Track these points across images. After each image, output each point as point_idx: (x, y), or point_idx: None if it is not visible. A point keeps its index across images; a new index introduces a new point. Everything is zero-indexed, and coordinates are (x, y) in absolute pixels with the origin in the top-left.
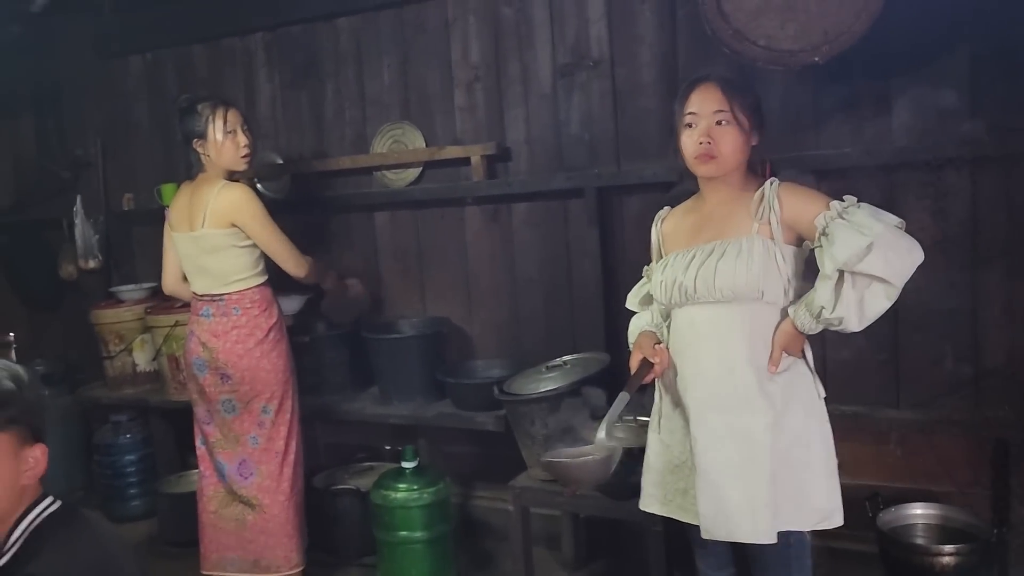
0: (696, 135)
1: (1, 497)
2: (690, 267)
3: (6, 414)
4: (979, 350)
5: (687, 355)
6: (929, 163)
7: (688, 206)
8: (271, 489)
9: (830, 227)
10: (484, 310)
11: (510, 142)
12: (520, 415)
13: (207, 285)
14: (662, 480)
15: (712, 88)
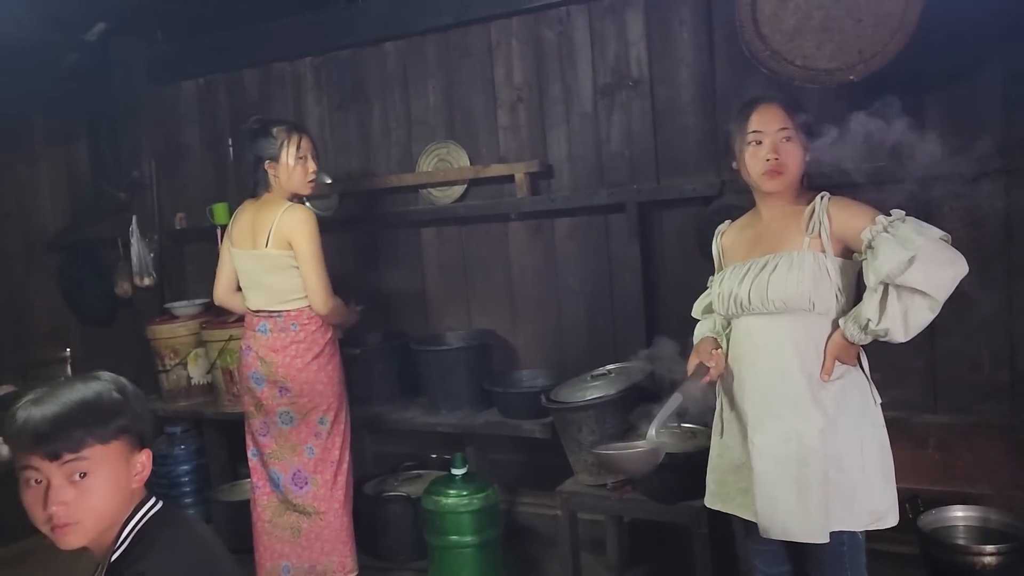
0: (764, 152)
1: (115, 501)
2: (744, 279)
3: (117, 424)
4: (1015, 356)
5: (745, 363)
6: (963, 175)
7: (746, 220)
8: (326, 497)
9: (875, 240)
10: (528, 322)
11: (552, 159)
12: (568, 422)
13: (265, 301)
14: (724, 479)
15: (774, 107)
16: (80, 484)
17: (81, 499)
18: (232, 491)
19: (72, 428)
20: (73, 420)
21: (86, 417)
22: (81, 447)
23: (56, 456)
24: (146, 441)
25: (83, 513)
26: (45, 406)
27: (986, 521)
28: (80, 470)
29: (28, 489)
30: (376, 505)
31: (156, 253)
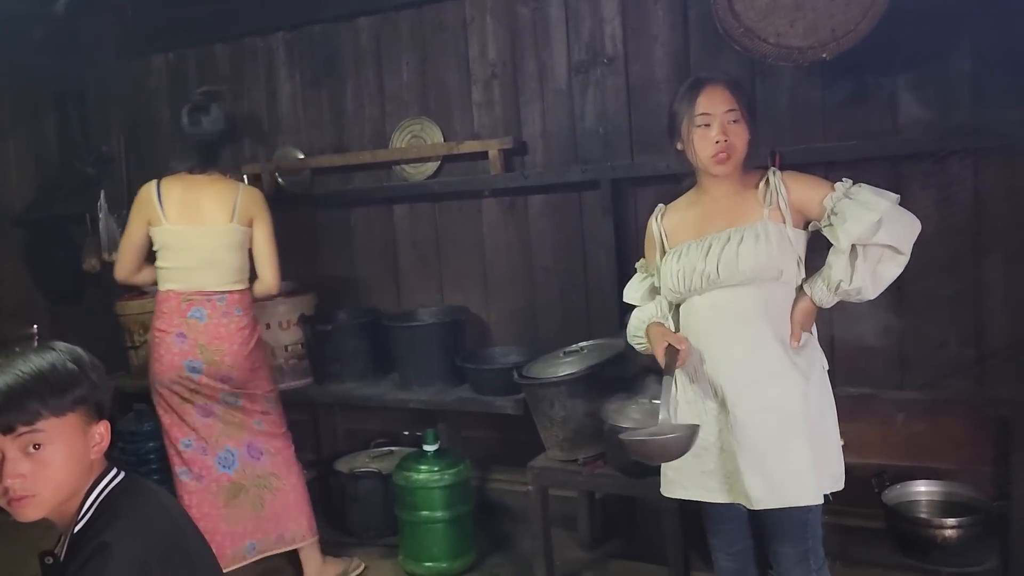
0: (713, 134)
1: (72, 472)
2: (710, 254)
3: (73, 395)
4: (981, 333)
5: (711, 338)
6: (934, 154)
7: (688, 200)
8: (283, 463)
9: (838, 206)
10: (501, 299)
11: (526, 136)
12: (539, 398)
13: (215, 281)
14: (681, 466)
15: (721, 88)
16: (35, 456)
17: (37, 471)
18: None
19: (25, 400)
20: (27, 391)
21: (40, 388)
22: (36, 419)
23: (10, 429)
24: (104, 412)
25: (40, 486)
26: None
27: (949, 495)
28: (35, 442)
29: None
30: (347, 481)
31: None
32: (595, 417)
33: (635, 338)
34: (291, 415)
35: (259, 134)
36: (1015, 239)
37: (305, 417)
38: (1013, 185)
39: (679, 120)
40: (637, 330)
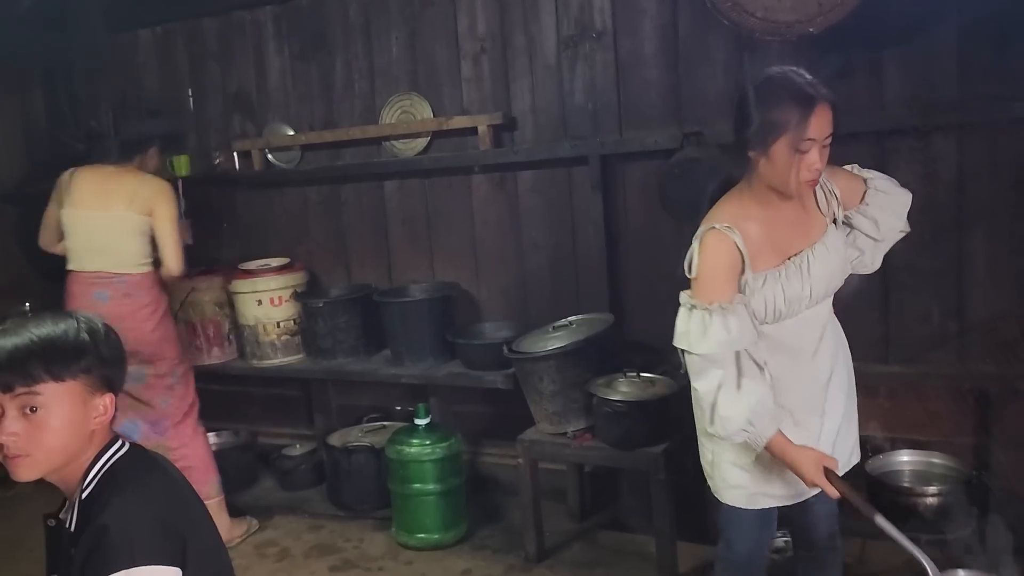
0: (812, 161)
1: (67, 439)
2: (812, 276)
3: (78, 365)
4: (963, 307)
5: (804, 355)
6: (918, 129)
7: (745, 214)
8: (188, 430)
9: (875, 199)
10: (491, 275)
11: (516, 112)
12: (529, 372)
13: (107, 264)
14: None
15: (827, 111)
16: (31, 418)
17: (32, 433)
18: None
19: (28, 362)
20: (31, 354)
21: (45, 352)
22: (35, 382)
23: (9, 388)
24: (113, 386)
25: (33, 447)
26: (8, 338)
27: (930, 465)
28: (31, 404)
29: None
30: (340, 456)
31: None
32: (584, 391)
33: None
34: (284, 390)
35: (248, 110)
36: (997, 214)
37: (298, 392)
38: (996, 160)
39: (772, 134)
40: (757, 418)
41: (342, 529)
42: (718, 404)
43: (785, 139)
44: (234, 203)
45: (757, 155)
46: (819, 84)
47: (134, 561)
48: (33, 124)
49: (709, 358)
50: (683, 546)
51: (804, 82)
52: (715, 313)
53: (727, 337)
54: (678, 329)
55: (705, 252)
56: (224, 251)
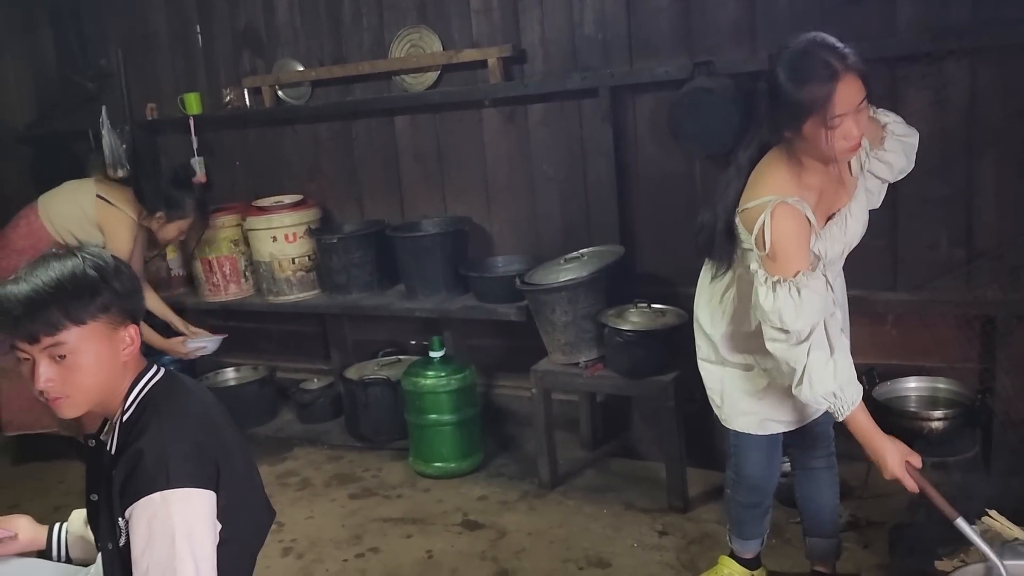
0: (848, 132)
1: (102, 375)
2: (848, 230)
3: (95, 305)
4: (971, 234)
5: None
6: (930, 55)
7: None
8: None
9: (889, 143)
10: (503, 208)
11: (525, 44)
12: (541, 304)
13: None
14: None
15: (854, 81)
16: (62, 363)
17: (67, 376)
18: (215, 378)
19: (47, 311)
20: (47, 302)
21: (61, 298)
22: (58, 330)
23: (35, 339)
24: (135, 316)
25: (71, 388)
26: (20, 286)
27: (936, 391)
28: (59, 352)
29: (22, 365)
30: (358, 389)
31: (128, 144)
32: (595, 321)
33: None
34: (300, 326)
35: (257, 46)
36: (1008, 140)
37: (314, 328)
38: (1008, 85)
39: (801, 115)
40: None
41: (361, 459)
42: (810, 368)
43: (814, 119)
44: (246, 140)
45: (792, 133)
46: (844, 52)
47: (169, 484)
48: (43, 64)
49: (804, 329)
50: (692, 472)
51: (827, 55)
52: (802, 285)
53: (819, 304)
54: (764, 307)
55: (779, 226)
56: (238, 189)
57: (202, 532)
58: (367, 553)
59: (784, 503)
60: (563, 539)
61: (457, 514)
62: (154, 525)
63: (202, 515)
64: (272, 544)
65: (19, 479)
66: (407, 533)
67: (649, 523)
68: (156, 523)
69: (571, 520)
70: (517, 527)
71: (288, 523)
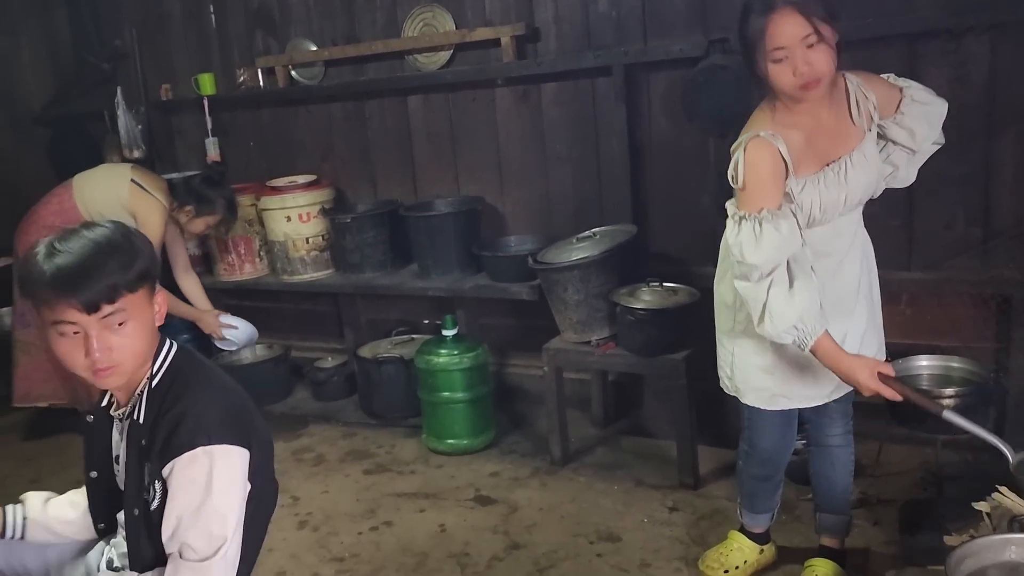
0: (792, 67)
1: (149, 342)
2: (848, 180)
3: (137, 269)
4: (989, 213)
5: (832, 260)
6: (950, 31)
7: (785, 122)
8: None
9: (911, 109)
10: (515, 188)
11: (539, 22)
12: (554, 282)
13: None
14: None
15: (791, 15)
16: (120, 331)
17: (122, 344)
18: (231, 356)
19: (104, 280)
20: (102, 272)
21: (112, 267)
22: (116, 298)
23: (96, 308)
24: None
25: (124, 356)
26: (66, 258)
27: (948, 369)
28: (119, 320)
29: (63, 339)
30: (371, 367)
31: (144, 125)
32: (607, 300)
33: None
34: (315, 305)
35: (271, 26)
36: None
37: (328, 307)
38: None
39: (749, 51)
40: (809, 317)
41: (374, 436)
42: (769, 304)
43: (760, 53)
44: (260, 121)
45: (760, 73)
46: None
47: (211, 440)
48: (58, 45)
49: (763, 265)
50: (703, 450)
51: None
52: (765, 221)
53: (779, 243)
54: (729, 241)
55: (750, 159)
56: (251, 169)
57: (238, 487)
58: (381, 526)
59: (795, 480)
60: (574, 514)
61: (469, 489)
62: (196, 477)
63: (239, 471)
64: (288, 517)
65: (40, 454)
66: (420, 507)
67: (660, 499)
68: (198, 475)
69: (582, 496)
70: (528, 502)
71: (304, 497)
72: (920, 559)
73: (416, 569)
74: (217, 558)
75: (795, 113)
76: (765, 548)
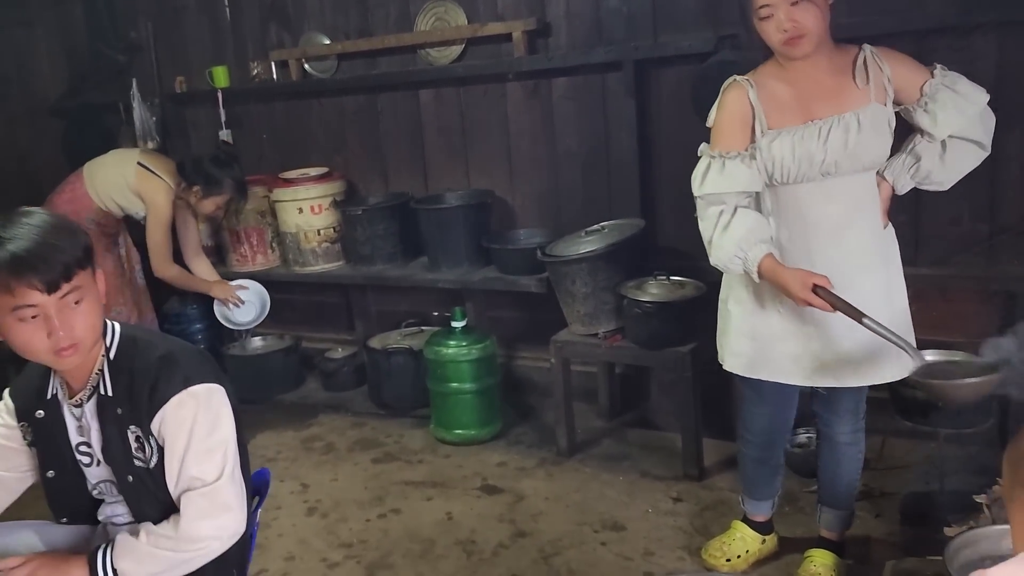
0: (777, 24)
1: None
2: (829, 142)
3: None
4: (995, 209)
5: (823, 227)
6: (958, 28)
7: (776, 75)
8: None
9: (939, 94)
10: (525, 181)
11: (550, 17)
12: (562, 275)
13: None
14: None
15: None
16: (77, 309)
17: (80, 321)
18: (243, 346)
19: (60, 260)
20: (57, 251)
21: (65, 246)
22: (72, 276)
23: (56, 288)
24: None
25: (85, 333)
26: (23, 244)
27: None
28: (77, 298)
29: (23, 325)
30: (381, 358)
31: (158, 117)
32: (615, 293)
33: (738, 252)
34: (325, 297)
35: (284, 19)
36: None
37: (339, 299)
38: None
39: (747, 9)
40: (745, 243)
41: (383, 426)
42: (714, 237)
43: (751, 11)
44: (273, 113)
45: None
46: None
47: (191, 382)
48: (74, 37)
49: (708, 199)
50: (708, 443)
51: None
52: (715, 159)
53: (724, 183)
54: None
55: (721, 102)
56: (265, 161)
57: (226, 417)
58: (388, 514)
59: (800, 473)
60: (579, 504)
61: (476, 479)
62: (187, 416)
63: (224, 403)
64: (297, 504)
65: None
66: (427, 496)
67: (664, 490)
68: (188, 415)
69: (587, 486)
70: (534, 492)
71: (313, 485)
72: (920, 550)
73: (423, 555)
74: (224, 479)
75: (788, 69)
76: (767, 538)
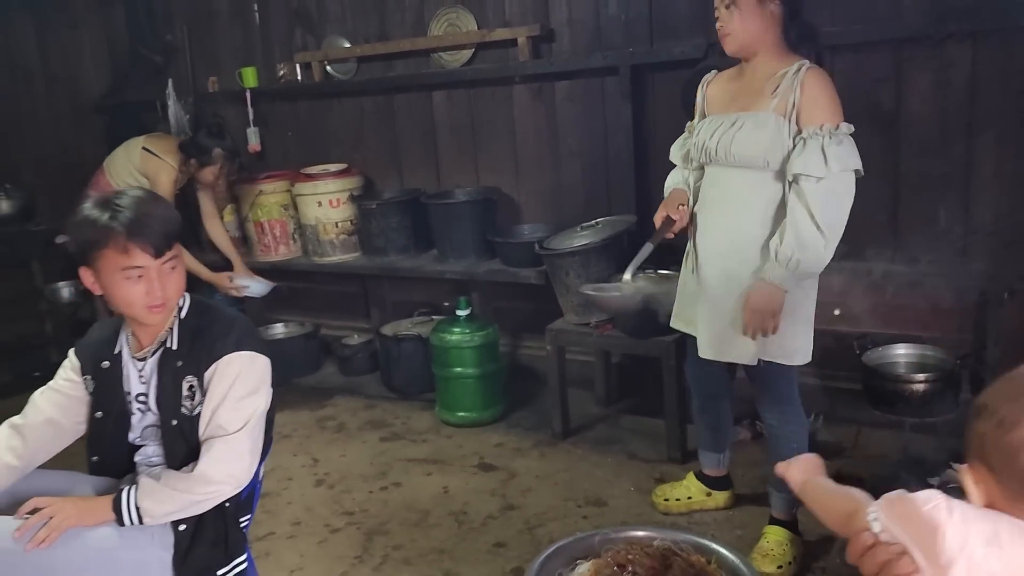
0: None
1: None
2: (715, 133)
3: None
4: (969, 210)
5: (706, 207)
6: (932, 37)
7: (732, 74)
8: None
9: (810, 141)
10: (529, 179)
11: (554, 23)
12: (557, 267)
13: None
14: (684, 304)
15: None
16: (172, 273)
17: (174, 284)
18: (265, 332)
19: (167, 229)
20: (163, 222)
21: (168, 218)
22: (172, 245)
23: (161, 253)
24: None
25: (173, 294)
26: (136, 213)
27: (923, 357)
28: (173, 264)
29: (128, 283)
30: (391, 344)
31: (192, 114)
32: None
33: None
34: (344, 286)
35: (309, 24)
36: (1007, 120)
37: (356, 289)
38: (1007, 68)
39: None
40: (667, 189)
41: (392, 408)
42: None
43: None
44: (297, 112)
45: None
46: None
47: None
48: (116, 39)
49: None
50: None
51: None
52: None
53: (674, 150)
54: None
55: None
56: (289, 157)
57: (265, 389)
58: (390, 486)
59: None
60: (567, 482)
61: (474, 457)
62: (230, 372)
63: (265, 373)
64: (307, 476)
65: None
66: (427, 471)
67: (648, 471)
68: (232, 371)
69: (576, 466)
70: (527, 470)
71: (323, 459)
72: None
73: (418, 524)
74: (244, 432)
75: (743, 69)
76: (717, 494)
